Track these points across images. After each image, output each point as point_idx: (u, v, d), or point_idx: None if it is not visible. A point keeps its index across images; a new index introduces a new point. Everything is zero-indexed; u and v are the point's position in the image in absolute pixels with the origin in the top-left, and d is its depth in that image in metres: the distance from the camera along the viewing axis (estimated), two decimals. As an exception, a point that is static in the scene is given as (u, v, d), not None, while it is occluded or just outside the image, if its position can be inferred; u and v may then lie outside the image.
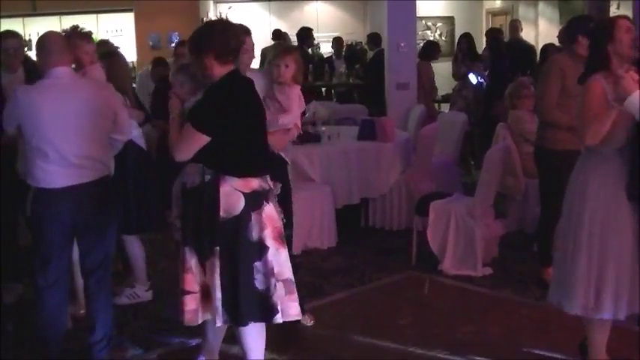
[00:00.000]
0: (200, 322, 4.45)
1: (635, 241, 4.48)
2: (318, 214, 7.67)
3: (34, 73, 5.34)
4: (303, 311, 5.52)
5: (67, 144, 4.69)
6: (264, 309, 4.31)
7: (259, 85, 5.09)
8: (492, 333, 5.68)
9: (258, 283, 4.27)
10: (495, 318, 5.99)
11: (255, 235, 4.27)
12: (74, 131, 4.71)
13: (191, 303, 4.38)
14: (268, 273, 4.28)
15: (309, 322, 5.77)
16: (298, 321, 5.55)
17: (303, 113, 5.79)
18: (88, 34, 5.72)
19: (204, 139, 4.22)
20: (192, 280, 4.37)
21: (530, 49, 13.32)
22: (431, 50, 12.27)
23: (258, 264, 4.26)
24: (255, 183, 4.30)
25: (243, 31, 5.11)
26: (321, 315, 5.79)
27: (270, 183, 4.46)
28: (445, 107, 13.22)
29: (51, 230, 4.84)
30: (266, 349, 4.67)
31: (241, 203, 4.24)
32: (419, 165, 8.47)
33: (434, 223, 7.12)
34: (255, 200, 4.28)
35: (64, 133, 4.68)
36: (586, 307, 4.57)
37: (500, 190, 7.51)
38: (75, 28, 5.65)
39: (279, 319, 4.34)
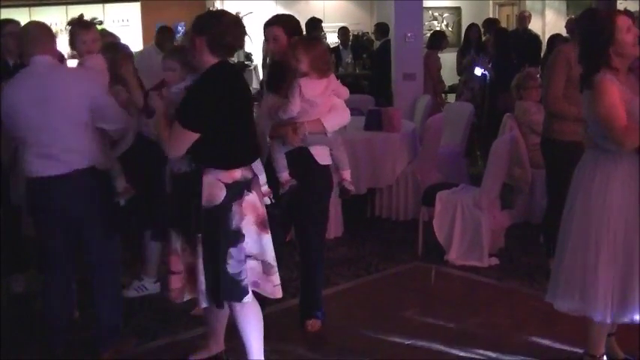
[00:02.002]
0: (185, 299, 4.64)
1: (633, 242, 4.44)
2: (325, 204, 7.65)
3: None
4: (309, 317, 5.60)
5: (45, 134, 4.69)
6: (236, 290, 4.40)
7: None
8: (498, 324, 5.69)
9: (230, 268, 4.35)
10: (501, 309, 6.00)
11: (234, 224, 4.34)
12: (51, 120, 4.68)
13: (176, 282, 4.57)
14: (241, 259, 4.36)
15: (310, 327, 5.64)
16: (305, 316, 5.62)
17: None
18: (88, 23, 5.65)
19: (194, 136, 4.27)
20: (176, 261, 4.55)
21: (535, 38, 13.31)
22: (438, 39, 12.25)
23: (232, 250, 4.34)
24: (237, 173, 4.35)
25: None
26: (328, 305, 5.78)
27: (257, 170, 4.54)
28: (452, 98, 13.21)
29: (43, 221, 4.88)
30: (271, 338, 4.69)
31: (222, 194, 4.31)
32: (425, 156, 8.46)
33: (440, 214, 7.11)
34: (236, 190, 4.34)
35: (41, 123, 4.67)
36: (572, 307, 4.59)
37: (507, 181, 7.50)
38: (79, 17, 5.64)
39: (248, 298, 4.42)
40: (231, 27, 4.34)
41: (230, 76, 4.43)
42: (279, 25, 5.35)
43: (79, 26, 5.47)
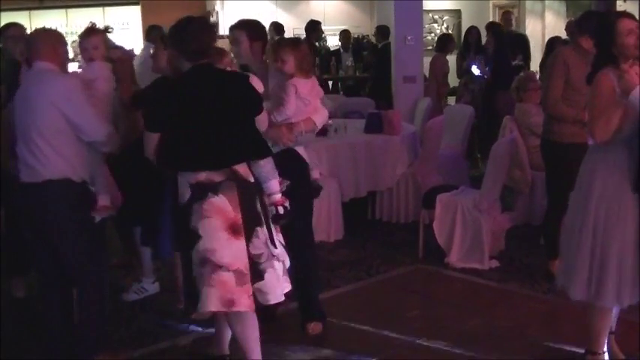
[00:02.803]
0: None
1: (638, 232, 4.49)
2: (325, 207, 7.65)
3: None
4: (310, 320, 5.57)
5: (24, 140, 4.70)
6: (193, 296, 4.40)
7: (278, 82, 5.26)
8: (499, 326, 5.68)
9: (194, 271, 4.37)
10: (502, 311, 6.00)
11: (192, 223, 4.34)
12: (30, 127, 4.66)
13: None
14: (199, 262, 4.34)
15: (312, 331, 5.59)
16: (305, 319, 5.59)
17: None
18: (90, 31, 5.65)
19: (155, 137, 4.37)
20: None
21: (520, 36, 13.42)
22: (445, 43, 12.26)
23: (192, 252, 4.35)
24: (201, 176, 4.34)
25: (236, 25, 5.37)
26: (328, 308, 5.78)
27: (261, 177, 4.49)
28: (452, 100, 13.22)
29: (24, 225, 4.90)
30: (272, 341, 4.68)
31: (187, 193, 4.36)
32: (426, 158, 8.47)
33: (440, 216, 7.12)
34: (199, 191, 4.34)
35: (22, 129, 4.69)
36: (587, 293, 4.61)
37: (507, 183, 7.51)
38: (90, 24, 5.68)
39: (199, 308, 4.37)
40: (197, 33, 4.39)
41: (194, 79, 4.41)
42: (242, 29, 5.38)
43: (82, 34, 5.50)
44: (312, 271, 5.59)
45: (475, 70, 11.67)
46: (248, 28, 5.39)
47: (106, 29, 5.81)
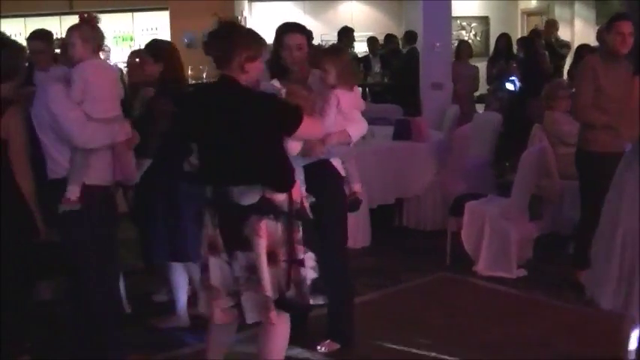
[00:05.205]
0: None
1: None
2: (352, 213, 7.62)
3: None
4: (328, 336, 5.45)
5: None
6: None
7: (318, 89, 5.07)
8: (525, 336, 5.65)
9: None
10: (529, 320, 5.96)
11: None
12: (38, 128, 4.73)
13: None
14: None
15: (321, 347, 5.45)
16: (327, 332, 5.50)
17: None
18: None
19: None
20: None
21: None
22: (458, 49, 12.24)
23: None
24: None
25: (284, 29, 5.17)
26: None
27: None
28: (480, 108, 13.17)
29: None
30: (293, 348, 4.67)
31: None
32: (453, 166, 8.44)
33: (468, 224, 7.09)
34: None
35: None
36: (617, 303, 4.60)
37: (536, 191, 7.45)
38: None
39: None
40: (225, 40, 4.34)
41: (199, 95, 4.60)
42: (304, 35, 5.20)
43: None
44: (342, 284, 5.40)
45: (509, 86, 11.64)
46: (308, 34, 5.27)
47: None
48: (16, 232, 4.86)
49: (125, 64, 7.88)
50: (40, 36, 6.42)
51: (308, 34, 5.28)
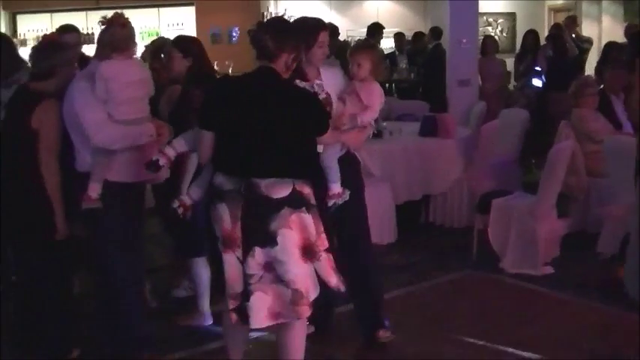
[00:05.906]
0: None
1: None
2: (378, 209, 7.59)
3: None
4: (379, 327, 5.44)
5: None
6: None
7: (336, 80, 5.10)
8: (552, 334, 5.62)
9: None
10: (555, 319, 5.93)
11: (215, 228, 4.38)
12: None
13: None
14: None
15: (383, 338, 5.46)
16: (372, 326, 5.47)
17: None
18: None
19: (207, 137, 4.33)
20: None
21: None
22: (483, 45, 12.18)
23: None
24: (216, 179, 4.31)
25: (321, 26, 5.08)
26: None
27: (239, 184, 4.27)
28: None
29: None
30: (325, 346, 4.65)
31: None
32: (480, 163, 8.41)
33: (495, 221, 7.06)
34: (211, 193, 4.37)
35: None
36: None
37: (563, 189, 7.41)
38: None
39: None
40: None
41: (235, 84, 4.49)
42: (327, 30, 5.19)
43: None
44: (372, 276, 5.44)
45: (536, 83, 11.57)
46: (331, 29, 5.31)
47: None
48: (31, 227, 4.91)
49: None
50: (70, 31, 6.46)
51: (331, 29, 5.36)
